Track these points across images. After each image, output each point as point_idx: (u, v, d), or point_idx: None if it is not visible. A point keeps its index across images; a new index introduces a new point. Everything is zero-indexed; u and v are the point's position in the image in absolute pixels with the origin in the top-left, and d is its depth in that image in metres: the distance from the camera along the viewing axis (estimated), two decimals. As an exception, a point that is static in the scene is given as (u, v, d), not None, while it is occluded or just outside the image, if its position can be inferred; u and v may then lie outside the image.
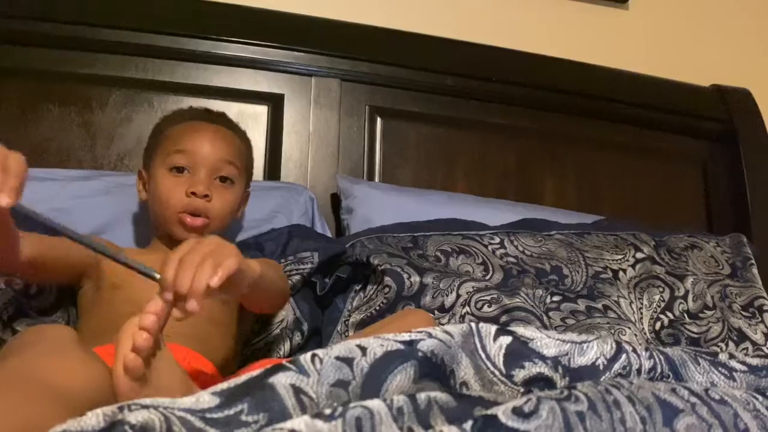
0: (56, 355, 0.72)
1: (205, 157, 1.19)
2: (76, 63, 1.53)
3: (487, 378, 0.56)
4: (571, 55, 1.85)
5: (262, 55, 1.63)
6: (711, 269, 1.50)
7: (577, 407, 0.49)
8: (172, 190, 1.17)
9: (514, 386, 0.57)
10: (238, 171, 1.24)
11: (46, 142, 1.50)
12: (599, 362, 0.59)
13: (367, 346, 0.55)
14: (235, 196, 1.23)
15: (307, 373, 0.54)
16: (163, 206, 1.18)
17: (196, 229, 1.16)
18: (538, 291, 1.31)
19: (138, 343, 0.71)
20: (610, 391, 0.51)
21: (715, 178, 1.92)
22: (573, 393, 0.50)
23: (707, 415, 0.51)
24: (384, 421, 0.50)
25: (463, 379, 0.57)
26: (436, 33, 1.77)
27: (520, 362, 0.57)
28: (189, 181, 1.17)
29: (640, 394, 0.51)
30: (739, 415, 0.53)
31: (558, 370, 0.57)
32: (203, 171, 1.18)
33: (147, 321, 0.72)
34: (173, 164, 1.19)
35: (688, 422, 0.50)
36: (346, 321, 1.27)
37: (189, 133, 1.22)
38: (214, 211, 1.18)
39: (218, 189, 1.20)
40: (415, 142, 1.74)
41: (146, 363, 0.72)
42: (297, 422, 0.49)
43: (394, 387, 0.54)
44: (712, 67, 2.00)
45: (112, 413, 0.49)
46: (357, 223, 1.52)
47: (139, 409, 0.49)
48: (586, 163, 1.85)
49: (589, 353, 0.59)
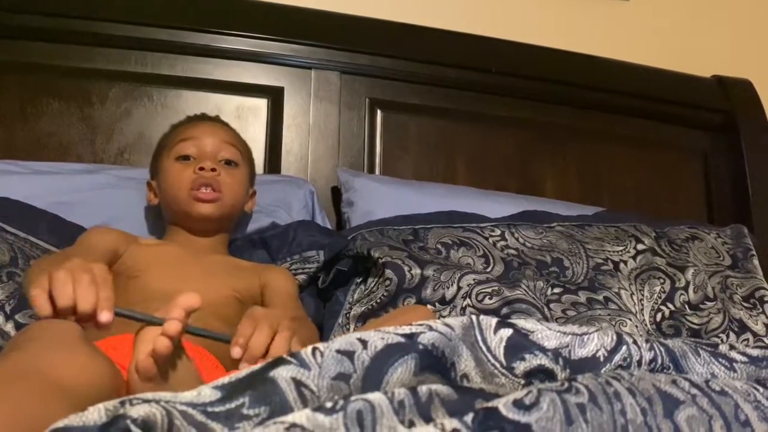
0: (61, 350, 0.72)
1: (207, 141, 1.27)
2: (76, 57, 1.53)
3: (487, 370, 0.56)
4: (572, 47, 1.85)
5: (261, 48, 1.62)
6: (712, 260, 1.50)
7: (577, 399, 0.49)
8: (181, 173, 1.24)
9: (515, 378, 0.57)
10: (240, 154, 1.31)
11: (46, 136, 1.50)
12: (600, 354, 0.59)
13: (367, 339, 0.55)
14: (242, 177, 1.30)
15: (308, 366, 0.54)
16: (175, 190, 1.24)
17: (210, 201, 1.22)
18: (539, 283, 1.32)
19: (158, 349, 0.71)
20: (610, 383, 0.51)
21: (716, 169, 1.92)
22: (573, 385, 0.50)
23: (708, 407, 0.52)
24: (385, 414, 0.51)
25: (464, 372, 0.57)
26: (436, 25, 1.76)
27: (521, 354, 0.57)
28: (196, 164, 1.24)
29: (640, 385, 0.51)
30: (739, 406, 0.53)
31: (559, 362, 0.57)
32: (208, 153, 1.26)
33: (172, 329, 0.71)
34: (179, 153, 1.26)
35: (688, 413, 0.50)
36: (347, 314, 1.27)
37: (190, 126, 1.32)
38: (224, 184, 1.24)
39: (225, 168, 1.26)
40: (415, 134, 1.73)
41: (164, 365, 0.72)
42: (298, 416, 0.49)
43: (395, 380, 0.54)
44: (713, 58, 1.99)
45: (114, 408, 0.49)
46: (357, 216, 1.52)
47: (140, 403, 0.49)
48: (587, 155, 1.84)
49: (590, 345, 0.59)
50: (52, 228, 1.25)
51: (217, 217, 1.24)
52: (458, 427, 0.48)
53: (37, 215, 1.26)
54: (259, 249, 1.32)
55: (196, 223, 1.24)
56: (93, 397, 0.69)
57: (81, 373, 0.71)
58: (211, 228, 1.26)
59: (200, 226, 1.25)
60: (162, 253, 1.19)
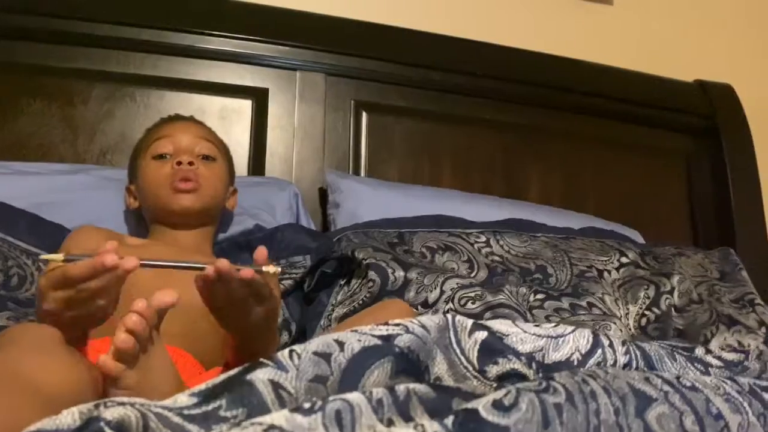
0: (38, 354, 0.72)
1: (182, 137, 1.27)
2: (58, 57, 1.51)
3: (460, 373, 0.56)
4: (557, 51, 1.86)
5: (245, 49, 1.62)
6: (698, 272, 1.47)
7: (555, 399, 0.49)
8: (159, 170, 1.24)
9: (487, 381, 0.56)
10: (217, 149, 1.31)
11: (27, 137, 1.48)
12: (574, 358, 0.59)
13: (344, 341, 0.55)
14: (220, 171, 1.30)
15: (285, 368, 0.53)
16: (154, 187, 1.24)
17: (189, 191, 1.22)
18: (521, 289, 1.31)
19: (129, 324, 0.71)
20: (587, 381, 0.51)
21: (699, 172, 1.94)
22: (551, 384, 0.50)
23: (679, 403, 0.52)
24: (364, 413, 0.50)
25: (437, 374, 0.56)
26: (422, 28, 1.76)
27: (494, 358, 0.57)
28: (173, 160, 1.24)
29: (615, 384, 0.51)
30: (710, 401, 0.53)
31: (532, 366, 0.57)
32: (184, 148, 1.26)
33: (138, 305, 0.73)
34: (156, 152, 1.26)
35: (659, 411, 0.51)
36: (329, 315, 1.27)
37: (165, 125, 1.33)
38: (202, 176, 1.24)
39: (202, 162, 1.26)
40: (400, 136, 1.73)
41: (141, 349, 0.72)
42: (276, 416, 0.49)
43: (371, 382, 0.54)
44: (695, 63, 2.01)
45: (88, 410, 0.49)
46: (343, 218, 1.51)
47: (114, 405, 0.49)
48: (571, 158, 1.85)
49: (564, 348, 0.59)
50: (31, 228, 1.23)
51: (198, 208, 1.23)
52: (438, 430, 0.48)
53: (16, 215, 1.24)
54: (244, 251, 1.31)
55: (177, 218, 1.23)
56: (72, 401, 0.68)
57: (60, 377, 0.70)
58: (193, 222, 1.25)
59: (182, 220, 1.24)
60: (147, 253, 1.18)
